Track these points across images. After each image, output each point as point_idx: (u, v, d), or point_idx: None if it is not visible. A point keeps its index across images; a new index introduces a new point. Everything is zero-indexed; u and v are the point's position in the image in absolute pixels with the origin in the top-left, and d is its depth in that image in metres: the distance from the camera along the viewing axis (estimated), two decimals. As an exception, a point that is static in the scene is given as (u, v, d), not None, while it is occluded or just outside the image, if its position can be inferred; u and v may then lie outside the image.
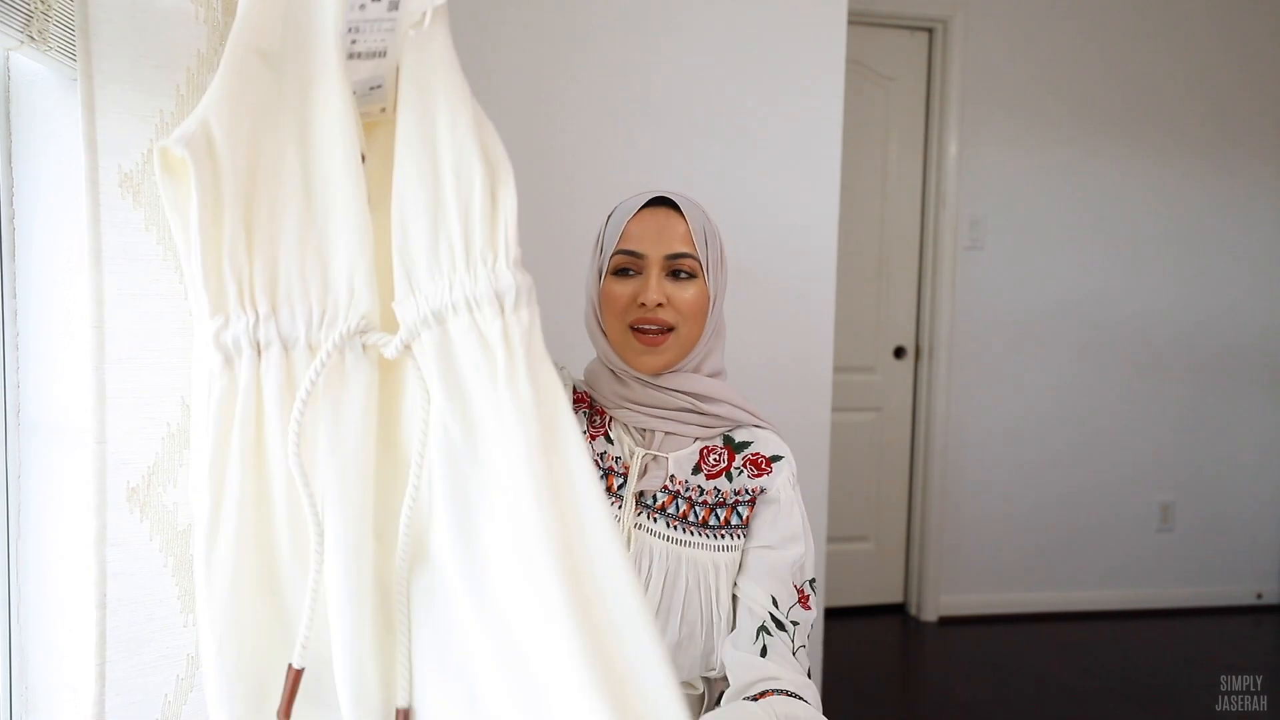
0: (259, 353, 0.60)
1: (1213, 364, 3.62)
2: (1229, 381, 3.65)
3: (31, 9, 0.73)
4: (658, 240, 1.08)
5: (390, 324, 0.64)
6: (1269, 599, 3.69)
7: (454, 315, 0.62)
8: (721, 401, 1.13)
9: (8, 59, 0.80)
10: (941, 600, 3.46)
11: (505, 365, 0.60)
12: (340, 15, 0.62)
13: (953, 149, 3.35)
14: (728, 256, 1.18)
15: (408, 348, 0.62)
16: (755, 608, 1.05)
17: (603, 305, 1.11)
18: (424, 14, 0.65)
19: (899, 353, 3.48)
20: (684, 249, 1.09)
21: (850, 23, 2.19)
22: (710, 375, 1.15)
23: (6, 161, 0.80)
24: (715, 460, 1.12)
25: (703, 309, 1.10)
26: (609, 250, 1.10)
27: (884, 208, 3.43)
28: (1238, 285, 3.63)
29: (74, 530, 0.78)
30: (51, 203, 0.81)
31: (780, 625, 1.04)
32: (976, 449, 3.47)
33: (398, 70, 0.66)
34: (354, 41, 0.64)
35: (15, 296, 0.81)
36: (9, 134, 0.81)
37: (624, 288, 1.09)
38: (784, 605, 1.06)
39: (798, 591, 1.07)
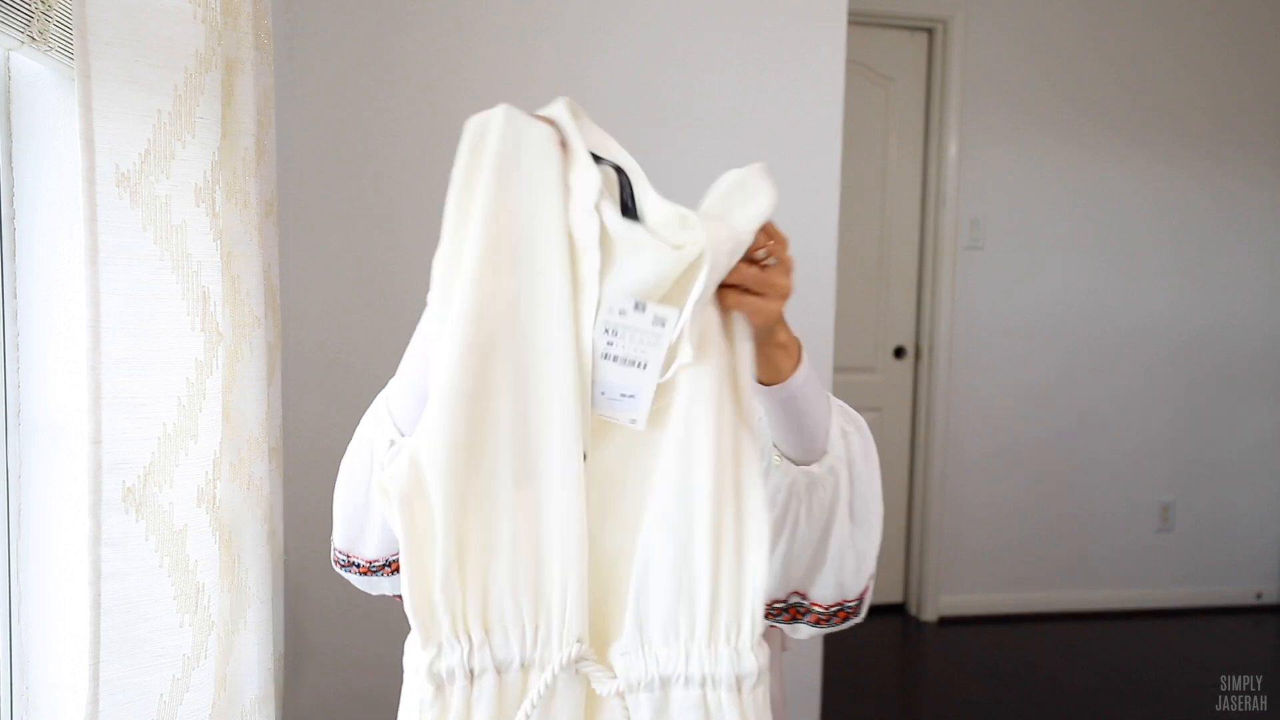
0: (471, 680, 0.61)
1: (1213, 364, 3.62)
2: (1229, 382, 3.64)
3: (32, 9, 0.73)
4: None
5: (597, 632, 0.64)
6: (1269, 599, 3.69)
7: (683, 687, 0.62)
8: None
9: (8, 59, 0.80)
10: (941, 600, 3.46)
11: None
12: (587, 324, 0.63)
13: (953, 149, 3.35)
14: None
15: (620, 695, 0.63)
16: None
17: None
18: (694, 347, 0.65)
19: (899, 353, 3.48)
20: None
21: (850, 23, 2.19)
22: None
23: (7, 161, 0.80)
24: None
25: None
26: None
27: (884, 208, 3.42)
28: (1238, 286, 3.62)
29: (74, 531, 0.79)
30: (52, 203, 0.81)
31: None
32: (976, 449, 3.46)
33: (667, 393, 0.65)
34: (610, 344, 0.64)
35: (15, 296, 0.81)
36: (9, 134, 0.81)
37: None
38: None
39: None
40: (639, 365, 0.65)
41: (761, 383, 0.76)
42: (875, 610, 3.46)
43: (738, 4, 2.11)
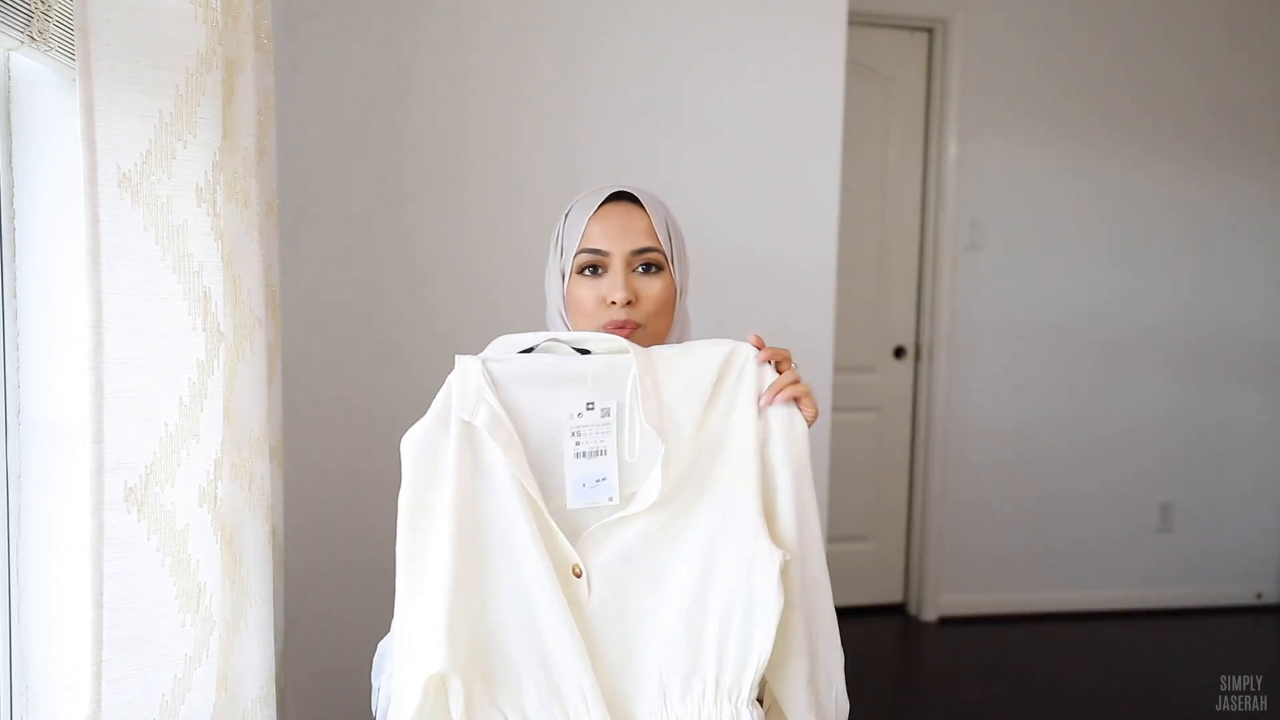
0: None
1: (1214, 363, 3.62)
2: (1230, 382, 3.64)
3: (32, 9, 0.73)
4: (622, 236, 1.06)
5: (623, 704, 0.84)
6: (1269, 599, 3.69)
7: None
8: None
9: (8, 59, 0.80)
10: (941, 600, 3.46)
11: None
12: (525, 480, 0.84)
13: (952, 149, 3.35)
14: (689, 246, 1.15)
15: None
16: None
17: (570, 308, 1.09)
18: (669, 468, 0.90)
19: (899, 353, 3.48)
20: (648, 243, 1.06)
21: (850, 23, 2.19)
22: None
23: (7, 161, 0.80)
24: None
25: (670, 302, 1.08)
26: (571, 250, 1.07)
27: (884, 208, 3.42)
28: (1241, 286, 3.62)
29: (75, 530, 0.78)
30: (52, 203, 0.81)
31: None
32: (976, 449, 3.46)
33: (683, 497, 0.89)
34: (578, 443, 0.87)
35: (15, 296, 0.81)
36: (9, 134, 0.81)
37: (591, 289, 1.06)
38: None
39: None
40: (601, 453, 0.87)
41: None
42: (875, 610, 3.47)
43: (737, 4, 2.11)
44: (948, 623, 3.43)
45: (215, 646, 0.86)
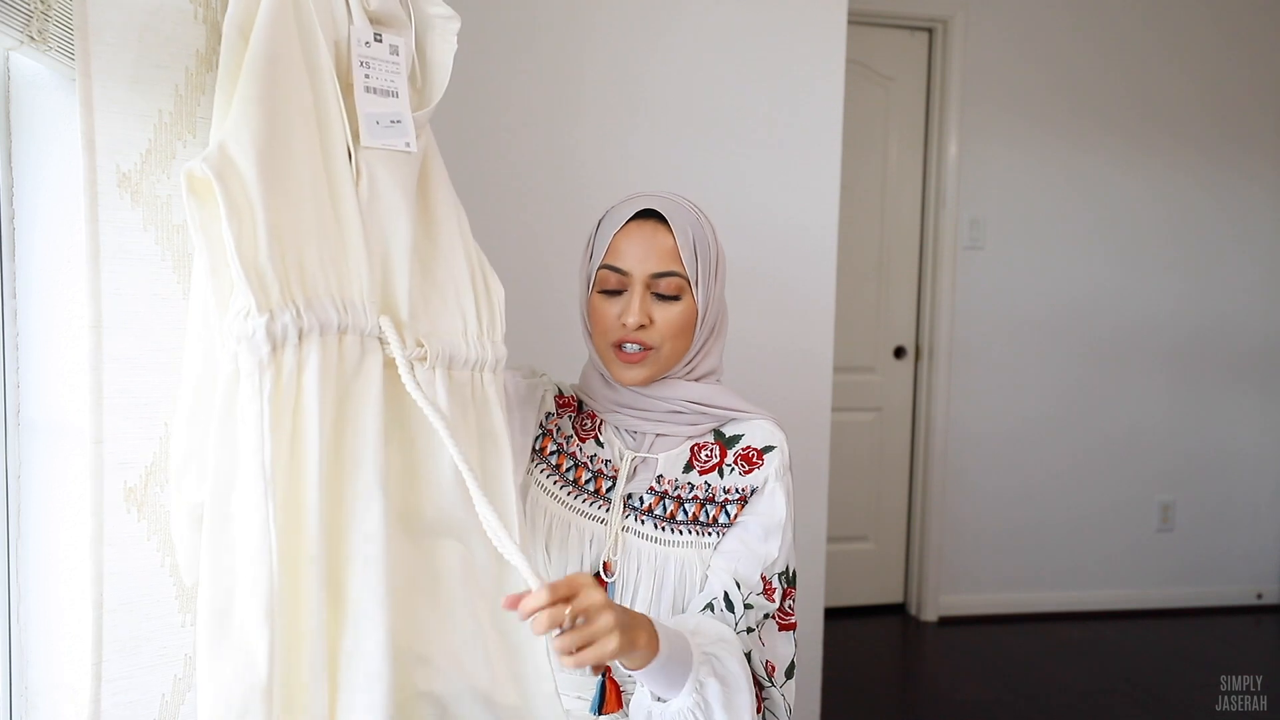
0: (300, 340, 0.70)
1: (1214, 362, 3.62)
2: (1230, 379, 3.64)
3: (31, 9, 0.73)
4: (643, 257, 1.05)
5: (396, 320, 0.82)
6: (1269, 599, 3.69)
7: (462, 367, 0.85)
8: (712, 406, 1.12)
9: (8, 59, 0.80)
10: (941, 600, 3.46)
11: (488, 411, 0.89)
12: (343, 49, 0.74)
13: (953, 149, 3.35)
14: (725, 258, 1.15)
15: (408, 363, 0.79)
16: (714, 583, 1.06)
17: (590, 317, 1.11)
18: (416, 74, 0.84)
19: (899, 353, 3.48)
20: (670, 267, 1.06)
21: (850, 23, 2.19)
22: (705, 376, 1.15)
23: (6, 161, 0.80)
24: (707, 456, 1.12)
25: (688, 326, 1.08)
26: (596, 262, 1.09)
27: (884, 208, 3.42)
28: (1239, 285, 3.63)
29: (74, 530, 0.79)
30: (52, 202, 0.81)
31: (730, 605, 1.05)
32: (976, 449, 3.46)
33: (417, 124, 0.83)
34: (367, 75, 0.77)
35: (15, 296, 0.81)
36: (9, 134, 0.81)
37: (609, 306, 1.07)
38: (744, 589, 1.06)
39: (764, 581, 1.08)
40: (393, 94, 0.78)
41: (629, 668, 0.92)
42: (875, 610, 3.48)
43: (737, 4, 2.11)
44: (948, 623, 3.43)
45: (215, 647, 0.86)
